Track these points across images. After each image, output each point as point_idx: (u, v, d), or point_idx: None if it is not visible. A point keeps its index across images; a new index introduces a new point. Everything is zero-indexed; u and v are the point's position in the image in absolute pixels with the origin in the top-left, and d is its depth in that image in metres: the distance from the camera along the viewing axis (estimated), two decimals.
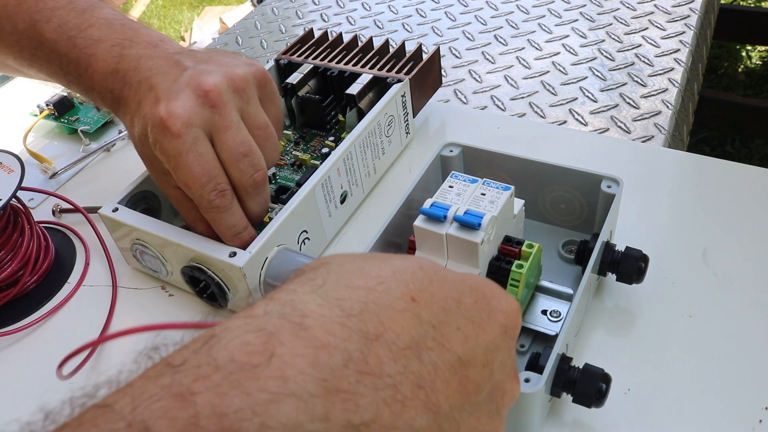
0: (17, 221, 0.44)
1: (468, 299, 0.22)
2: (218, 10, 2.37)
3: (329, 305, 0.19)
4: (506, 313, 0.23)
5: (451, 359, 0.20)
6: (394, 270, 0.21)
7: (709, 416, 0.33)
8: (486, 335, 0.22)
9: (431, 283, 0.22)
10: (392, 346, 0.19)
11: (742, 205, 0.44)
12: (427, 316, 0.21)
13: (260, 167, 0.37)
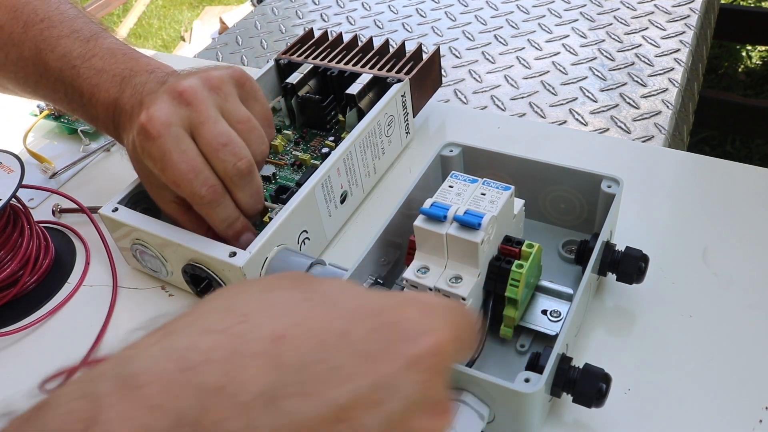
0: (17, 221, 0.44)
1: (360, 329, 0.19)
2: (218, 10, 2.37)
3: (167, 358, 0.17)
4: (418, 341, 0.20)
5: (319, 406, 0.18)
6: (268, 304, 0.19)
7: (709, 416, 0.33)
8: (378, 370, 0.19)
9: (312, 313, 0.19)
10: (236, 399, 0.17)
11: (743, 205, 0.44)
12: (293, 357, 0.18)
13: (243, 156, 0.37)
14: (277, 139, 0.50)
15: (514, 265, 0.34)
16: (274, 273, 0.38)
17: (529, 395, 0.29)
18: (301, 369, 0.18)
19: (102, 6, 2.34)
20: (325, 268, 0.38)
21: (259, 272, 0.38)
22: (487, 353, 0.36)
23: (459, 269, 0.34)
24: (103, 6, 2.34)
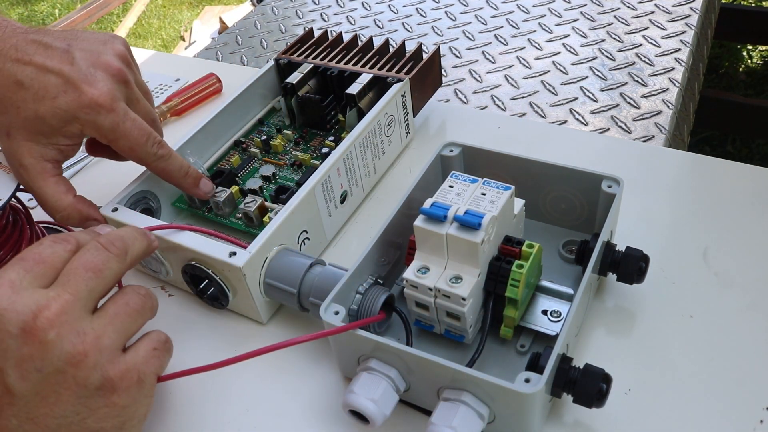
0: (17, 221, 0.44)
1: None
2: (218, 9, 2.37)
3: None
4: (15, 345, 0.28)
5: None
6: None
7: (709, 416, 0.33)
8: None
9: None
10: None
11: (743, 205, 0.44)
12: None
13: (161, 132, 0.43)
14: (277, 139, 0.50)
15: (514, 265, 0.34)
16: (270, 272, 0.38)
17: (529, 395, 0.29)
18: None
19: (101, 6, 2.34)
20: (325, 268, 0.38)
21: (259, 272, 0.38)
22: (488, 353, 0.36)
23: (459, 269, 0.34)
24: (102, 6, 2.34)
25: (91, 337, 0.29)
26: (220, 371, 0.39)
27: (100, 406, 0.29)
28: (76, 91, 0.38)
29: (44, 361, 0.27)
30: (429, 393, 0.32)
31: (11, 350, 0.27)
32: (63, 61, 0.39)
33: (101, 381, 0.28)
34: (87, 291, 0.30)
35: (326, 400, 0.37)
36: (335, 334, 0.33)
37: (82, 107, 0.38)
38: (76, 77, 0.39)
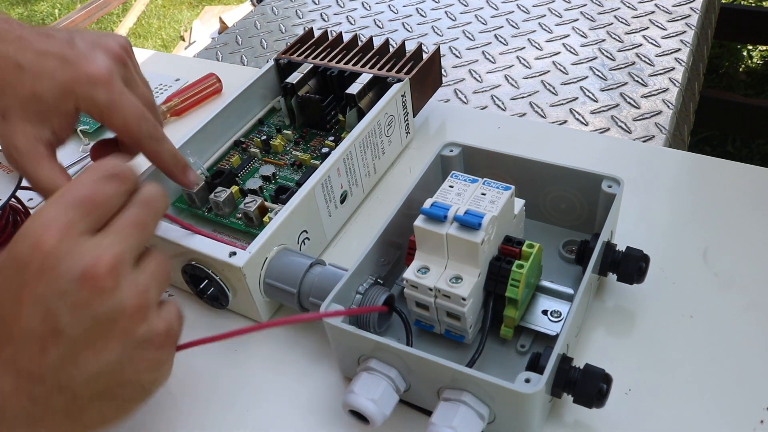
0: (17, 221, 0.44)
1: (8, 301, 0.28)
2: (218, 9, 2.37)
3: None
4: (31, 269, 0.27)
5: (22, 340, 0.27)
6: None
7: (710, 416, 0.33)
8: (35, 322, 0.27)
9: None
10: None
11: (743, 205, 0.44)
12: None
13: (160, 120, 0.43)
14: (277, 139, 0.50)
15: (514, 265, 0.34)
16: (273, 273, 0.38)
17: (529, 395, 0.29)
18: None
19: (101, 6, 2.34)
20: (325, 268, 0.38)
21: (259, 272, 0.38)
22: (488, 353, 0.36)
23: (459, 269, 0.34)
24: (102, 6, 2.34)
25: (142, 291, 0.29)
26: (219, 372, 0.39)
27: (142, 358, 0.29)
28: (74, 67, 0.39)
29: (100, 308, 0.27)
30: (429, 393, 0.32)
31: (67, 293, 0.27)
32: (63, 46, 0.39)
33: (148, 335, 0.29)
34: (136, 245, 0.30)
35: (326, 400, 0.37)
36: (334, 322, 0.33)
37: (80, 81, 0.39)
38: (75, 57, 0.39)
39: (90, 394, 0.28)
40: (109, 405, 0.29)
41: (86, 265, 0.27)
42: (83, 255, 0.28)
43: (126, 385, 0.29)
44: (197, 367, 0.39)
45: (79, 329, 0.27)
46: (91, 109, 0.40)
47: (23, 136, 0.39)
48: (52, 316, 0.27)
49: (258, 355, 0.40)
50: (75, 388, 0.27)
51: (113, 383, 0.28)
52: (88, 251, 0.28)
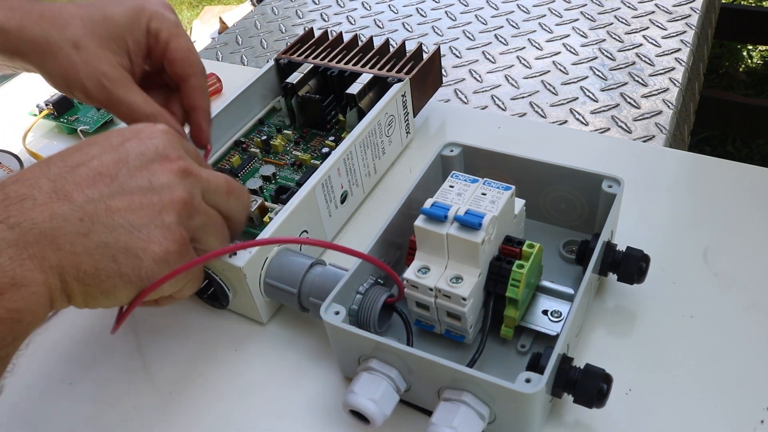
0: None
1: (100, 139, 0.32)
2: (218, 9, 2.37)
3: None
4: (137, 128, 0.33)
5: (79, 171, 0.30)
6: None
7: (710, 416, 0.33)
8: (116, 149, 0.31)
9: (70, 148, 0.31)
10: (25, 182, 0.28)
11: (744, 205, 0.44)
12: (57, 159, 0.30)
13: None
14: (277, 139, 0.50)
15: (514, 265, 0.34)
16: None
17: (529, 395, 0.29)
18: (64, 159, 0.30)
19: None
20: (326, 268, 0.38)
21: (259, 272, 0.38)
22: (488, 353, 0.36)
23: (459, 269, 0.34)
24: None
25: (195, 195, 0.32)
26: (219, 371, 0.39)
27: (156, 239, 0.30)
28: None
29: (157, 182, 0.31)
30: (429, 393, 0.32)
31: (144, 157, 0.31)
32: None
33: (175, 231, 0.31)
34: (221, 185, 0.34)
35: (326, 400, 0.37)
36: (333, 321, 0.33)
37: (151, 2, 0.41)
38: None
39: (98, 240, 0.29)
40: (104, 264, 0.29)
41: (172, 156, 0.32)
42: (175, 151, 0.32)
43: (130, 254, 0.29)
44: (197, 366, 0.39)
45: (131, 186, 0.30)
46: (161, 26, 0.41)
47: (107, 63, 0.39)
48: (121, 164, 0.30)
49: (258, 355, 0.40)
50: (91, 226, 0.29)
51: (121, 244, 0.29)
52: (179, 154, 0.32)
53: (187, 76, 0.42)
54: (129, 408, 0.38)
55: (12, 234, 0.27)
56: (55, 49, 0.39)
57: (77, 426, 0.37)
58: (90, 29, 0.39)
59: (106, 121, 0.61)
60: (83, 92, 0.40)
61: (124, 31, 0.40)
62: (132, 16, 0.40)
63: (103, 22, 0.39)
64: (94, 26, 0.39)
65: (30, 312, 0.27)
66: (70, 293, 0.29)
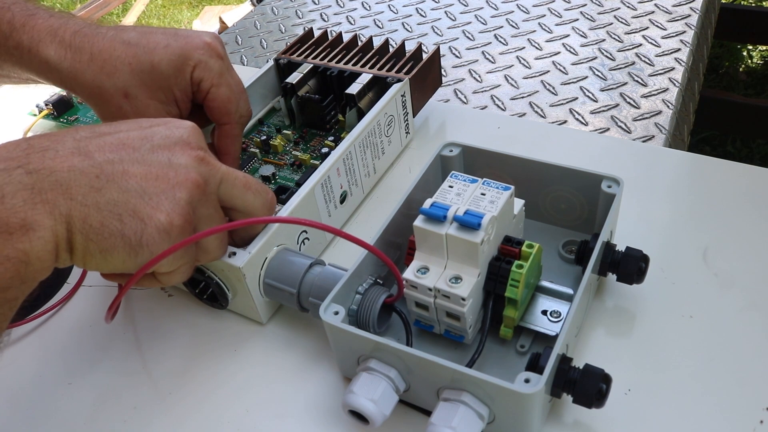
0: None
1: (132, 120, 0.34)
2: (218, 9, 2.37)
3: (14, 140, 0.30)
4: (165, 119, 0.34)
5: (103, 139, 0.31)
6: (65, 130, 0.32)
7: (709, 417, 0.33)
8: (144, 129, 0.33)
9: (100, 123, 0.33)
10: (50, 137, 0.30)
11: (743, 205, 0.44)
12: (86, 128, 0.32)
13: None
14: (277, 139, 0.50)
15: (514, 265, 0.34)
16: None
17: (529, 396, 0.29)
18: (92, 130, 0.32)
19: (101, 6, 2.34)
20: (325, 268, 0.38)
21: (259, 272, 0.38)
22: (487, 353, 0.36)
23: (459, 269, 0.34)
24: (102, 6, 2.34)
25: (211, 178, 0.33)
26: (218, 371, 0.39)
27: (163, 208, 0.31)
28: (186, 39, 0.41)
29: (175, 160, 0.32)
30: (429, 393, 0.32)
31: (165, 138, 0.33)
32: (160, 29, 0.42)
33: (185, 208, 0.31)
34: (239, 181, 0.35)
35: (326, 400, 0.37)
36: (333, 321, 0.33)
37: (196, 47, 0.41)
38: (182, 32, 0.42)
39: (109, 197, 0.30)
40: (109, 221, 0.30)
41: (194, 144, 0.33)
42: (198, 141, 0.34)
43: (136, 217, 0.30)
44: (197, 366, 0.39)
45: (151, 159, 0.31)
46: (204, 75, 0.42)
47: (155, 113, 0.42)
48: (146, 140, 0.32)
49: (257, 355, 0.40)
50: (106, 184, 0.30)
51: (130, 206, 0.30)
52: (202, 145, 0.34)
53: (222, 124, 0.44)
54: (128, 408, 0.38)
55: (29, 179, 0.28)
56: (106, 97, 0.41)
57: (77, 426, 0.37)
58: (139, 78, 0.41)
59: None
60: None
61: (170, 81, 0.41)
62: (177, 66, 0.41)
63: (151, 71, 0.40)
64: (143, 75, 0.41)
65: (37, 257, 0.28)
66: (73, 246, 0.29)
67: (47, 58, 0.40)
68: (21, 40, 0.40)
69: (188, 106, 0.43)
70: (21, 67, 0.42)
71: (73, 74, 0.40)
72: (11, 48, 0.41)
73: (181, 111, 0.43)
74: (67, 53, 0.40)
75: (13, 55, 0.41)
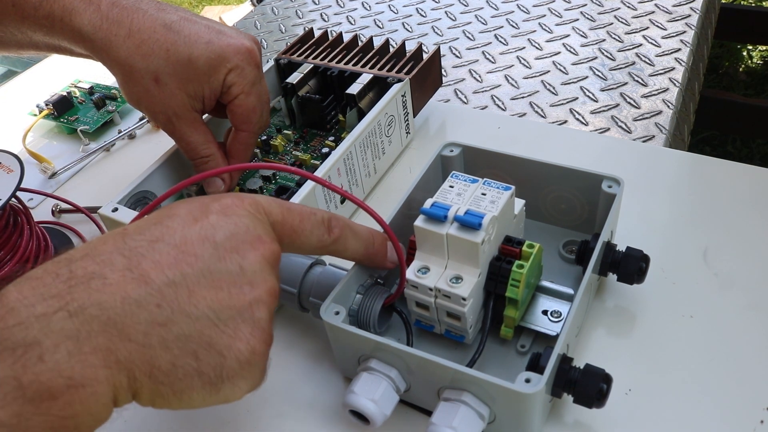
0: (17, 221, 0.44)
1: (182, 211, 0.27)
2: (218, 9, 2.37)
3: (48, 262, 0.25)
4: (223, 204, 0.28)
5: (158, 247, 0.25)
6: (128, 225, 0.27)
7: (710, 417, 0.33)
8: (200, 223, 0.27)
9: (146, 219, 0.27)
10: (95, 257, 0.25)
11: (743, 205, 0.44)
12: (134, 230, 0.26)
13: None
14: (277, 139, 0.50)
15: (514, 265, 0.34)
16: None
17: (529, 395, 0.29)
18: (141, 232, 0.26)
19: None
20: (326, 268, 0.38)
21: None
22: (488, 353, 0.36)
23: (459, 269, 0.34)
24: None
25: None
26: None
27: (242, 336, 0.26)
28: (228, 38, 0.41)
29: (249, 268, 0.27)
30: (429, 393, 0.32)
31: (236, 238, 0.27)
32: (204, 19, 0.41)
33: (260, 321, 0.27)
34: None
35: (326, 400, 0.37)
36: (334, 321, 0.33)
37: (237, 51, 0.40)
38: (226, 30, 0.41)
39: (178, 332, 0.25)
40: (182, 360, 0.25)
41: (265, 238, 0.28)
42: (267, 232, 0.28)
43: (212, 350, 0.25)
44: None
45: (219, 270, 0.26)
46: (237, 80, 0.41)
47: (181, 104, 0.41)
48: (207, 242, 0.26)
49: None
50: (171, 315, 0.25)
51: (204, 338, 0.25)
52: (272, 235, 0.29)
53: (240, 131, 0.44)
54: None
55: (73, 323, 0.23)
56: (136, 77, 0.40)
57: None
58: (173, 67, 0.40)
59: (106, 121, 0.61)
60: (152, 117, 0.42)
61: (203, 78, 0.41)
62: (213, 65, 0.40)
63: (187, 64, 0.40)
64: (177, 65, 0.40)
65: (89, 415, 0.23)
66: (138, 390, 0.25)
67: (80, 27, 0.39)
68: (52, 9, 0.39)
69: (213, 104, 0.43)
70: (52, 36, 0.41)
71: (106, 46, 0.39)
72: (41, 18, 0.40)
73: (205, 107, 0.43)
74: (102, 23, 0.39)
75: (44, 26, 0.40)
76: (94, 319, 0.23)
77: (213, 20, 0.43)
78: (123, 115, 0.64)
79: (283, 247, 0.30)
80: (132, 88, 0.41)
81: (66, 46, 0.42)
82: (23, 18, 0.40)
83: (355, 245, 0.33)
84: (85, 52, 0.42)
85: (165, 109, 0.41)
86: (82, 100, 0.64)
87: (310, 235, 0.31)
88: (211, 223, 0.27)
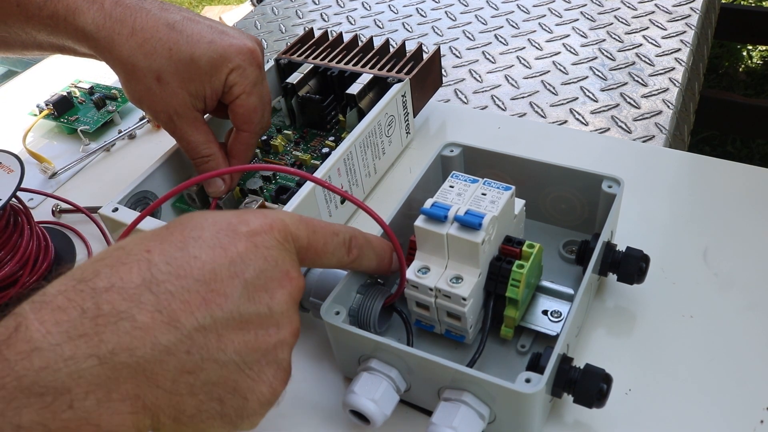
0: (17, 221, 0.44)
1: (208, 233, 0.26)
2: (218, 9, 2.37)
3: (66, 280, 0.24)
4: (252, 229, 0.27)
5: (187, 283, 0.24)
6: (137, 236, 0.26)
7: (710, 416, 0.33)
8: (229, 254, 0.26)
9: (169, 231, 0.26)
10: (122, 291, 0.23)
11: (743, 205, 0.44)
12: (160, 258, 0.25)
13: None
14: (278, 139, 0.50)
15: (514, 265, 0.34)
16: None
17: (530, 395, 0.29)
18: (169, 262, 0.25)
19: None
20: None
21: None
22: (488, 353, 0.36)
23: (460, 269, 0.34)
24: None
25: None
26: None
27: (264, 378, 0.26)
28: (231, 39, 0.41)
29: (277, 308, 0.27)
30: (429, 393, 0.32)
31: (265, 273, 0.26)
32: (206, 19, 0.42)
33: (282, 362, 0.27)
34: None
35: (326, 400, 0.37)
36: (334, 321, 0.33)
37: (239, 52, 0.41)
38: (228, 30, 0.42)
39: (206, 379, 0.24)
40: (207, 405, 0.25)
41: (293, 274, 0.27)
42: (294, 267, 0.28)
43: (237, 395, 0.26)
44: None
45: (249, 312, 0.25)
46: (239, 80, 0.41)
47: (182, 103, 0.41)
48: (236, 279, 0.25)
49: None
50: (200, 362, 0.24)
51: (231, 383, 0.25)
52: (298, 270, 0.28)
53: (241, 131, 0.44)
54: None
55: (103, 370, 0.22)
56: (138, 75, 0.40)
57: None
58: (175, 66, 0.40)
59: (106, 121, 0.61)
60: (154, 116, 0.43)
61: (205, 78, 0.41)
62: (215, 65, 0.40)
63: (190, 63, 0.40)
64: (179, 64, 0.40)
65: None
66: (159, 429, 0.25)
67: (84, 26, 0.40)
68: (56, 9, 0.40)
69: (214, 104, 0.43)
70: (56, 36, 0.41)
71: (109, 45, 0.40)
72: (45, 17, 0.40)
73: (207, 107, 0.43)
74: (106, 22, 0.40)
75: (48, 25, 0.40)
76: (125, 366, 0.23)
77: (216, 20, 0.43)
78: (123, 115, 0.64)
79: (304, 264, 0.30)
80: (134, 86, 0.41)
81: (70, 45, 0.42)
82: (27, 18, 0.41)
83: (369, 262, 0.33)
84: (88, 52, 0.42)
85: (166, 108, 0.41)
86: (83, 100, 0.64)
87: (332, 256, 0.31)
88: (240, 256, 0.26)
